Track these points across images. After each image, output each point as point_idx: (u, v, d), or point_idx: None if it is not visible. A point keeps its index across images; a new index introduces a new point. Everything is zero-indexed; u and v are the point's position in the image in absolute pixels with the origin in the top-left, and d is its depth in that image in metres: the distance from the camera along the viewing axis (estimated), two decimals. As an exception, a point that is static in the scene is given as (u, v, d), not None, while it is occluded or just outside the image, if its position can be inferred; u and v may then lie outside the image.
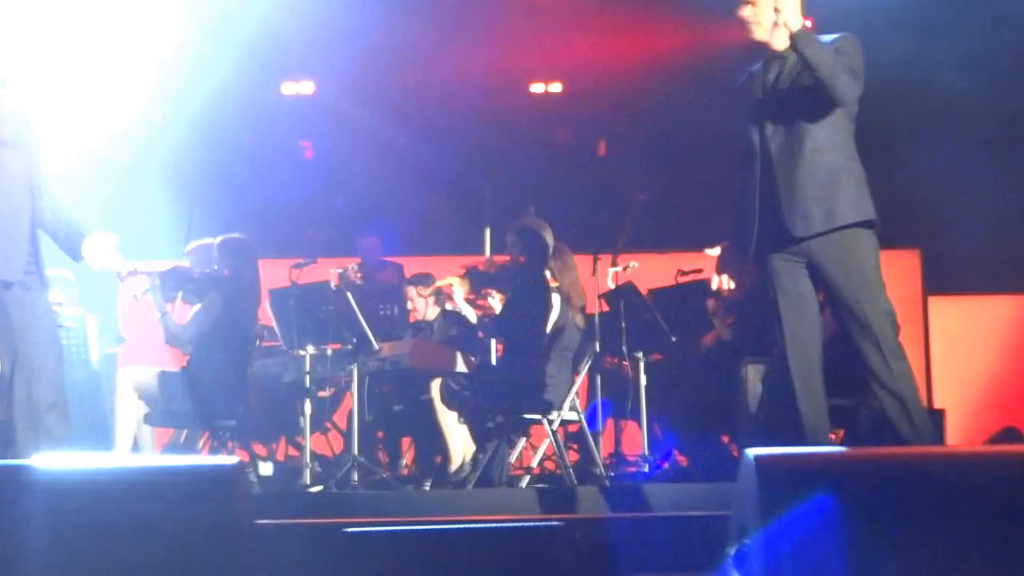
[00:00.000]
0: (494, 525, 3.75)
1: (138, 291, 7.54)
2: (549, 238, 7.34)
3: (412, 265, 9.09)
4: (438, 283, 7.64)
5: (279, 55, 9.87)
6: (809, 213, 4.96)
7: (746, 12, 5.05)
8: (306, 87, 10.36)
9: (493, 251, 8.19)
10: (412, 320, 8.18)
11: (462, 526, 3.90)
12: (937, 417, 6.40)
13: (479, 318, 7.69)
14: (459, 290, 7.40)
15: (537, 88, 10.46)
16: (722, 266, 7.14)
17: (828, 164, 4.99)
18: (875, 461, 3.48)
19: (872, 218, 5.02)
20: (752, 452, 3.40)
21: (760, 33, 5.04)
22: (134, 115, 9.87)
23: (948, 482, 3.37)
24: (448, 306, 7.82)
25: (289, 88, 10.35)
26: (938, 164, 9.79)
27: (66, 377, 5.08)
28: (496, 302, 7.58)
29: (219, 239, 7.68)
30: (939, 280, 10.22)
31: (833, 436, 7.34)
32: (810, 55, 4.84)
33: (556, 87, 10.46)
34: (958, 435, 7.48)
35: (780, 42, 5.05)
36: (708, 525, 4.60)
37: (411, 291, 8.29)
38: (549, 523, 3.78)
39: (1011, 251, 9.77)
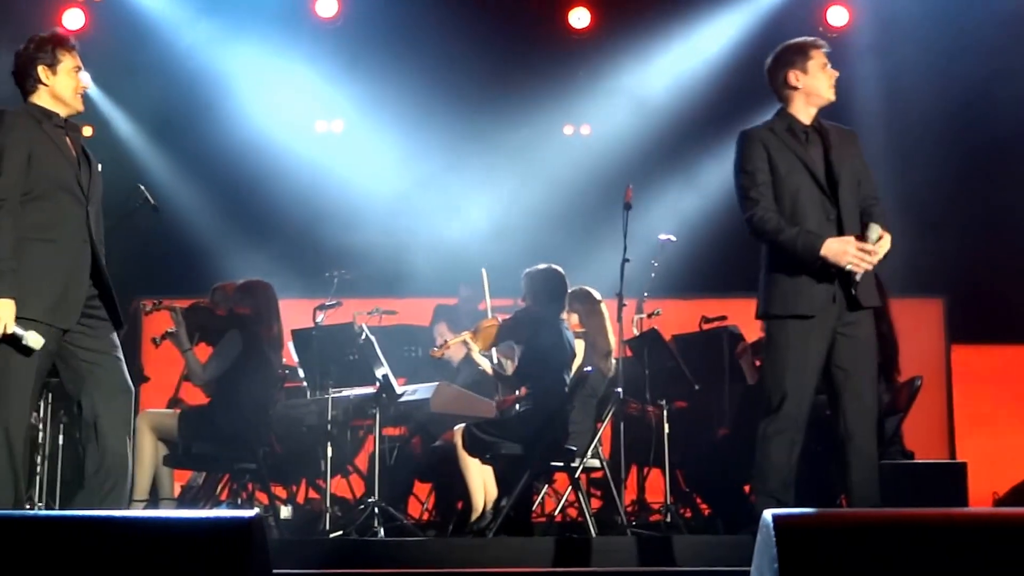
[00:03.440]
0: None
1: (157, 335, 7.59)
2: (563, 281, 7.26)
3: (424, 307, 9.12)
4: (450, 342, 7.57)
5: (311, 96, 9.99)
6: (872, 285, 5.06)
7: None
8: (336, 125, 10.48)
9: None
10: (434, 355, 8.10)
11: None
12: (958, 471, 6.34)
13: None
14: (473, 346, 7.33)
15: (567, 130, 10.53)
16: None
17: None
18: (895, 523, 3.46)
19: None
20: (769, 513, 3.38)
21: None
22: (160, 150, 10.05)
23: (966, 544, 3.35)
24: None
25: (321, 126, 10.48)
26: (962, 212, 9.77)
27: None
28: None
29: (240, 282, 7.73)
30: (962, 329, 10.16)
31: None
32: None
33: (585, 130, 10.53)
34: (980, 487, 7.41)
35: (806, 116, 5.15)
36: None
37: (443, 327, 8.29)
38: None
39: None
